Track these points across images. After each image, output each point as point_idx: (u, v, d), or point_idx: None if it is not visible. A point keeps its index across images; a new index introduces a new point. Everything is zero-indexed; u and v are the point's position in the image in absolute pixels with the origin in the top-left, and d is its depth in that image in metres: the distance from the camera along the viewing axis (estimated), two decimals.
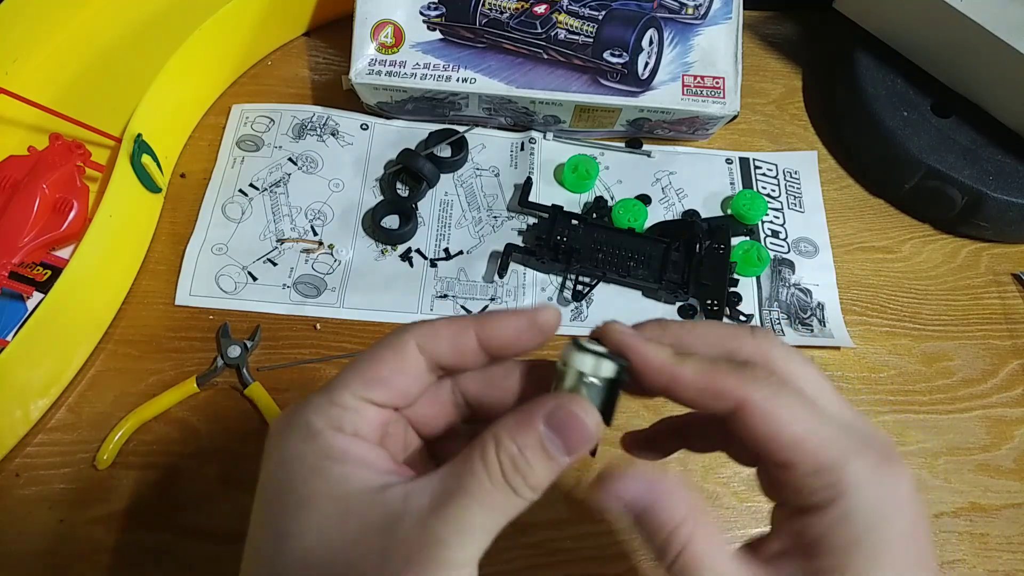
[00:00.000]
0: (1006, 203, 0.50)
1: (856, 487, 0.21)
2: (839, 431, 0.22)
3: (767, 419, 0.21)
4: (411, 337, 0.23)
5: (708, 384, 0.22)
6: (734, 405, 0.22)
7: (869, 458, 0.21)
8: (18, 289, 0.44)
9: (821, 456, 0.21)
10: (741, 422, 0.22)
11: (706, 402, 0.22)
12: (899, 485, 0.21)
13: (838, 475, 0.21)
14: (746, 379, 0.22)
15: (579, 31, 0.51)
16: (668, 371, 0.23)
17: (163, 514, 0.40)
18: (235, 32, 0.54)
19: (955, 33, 0.50)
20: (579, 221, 0.48)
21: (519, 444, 0.21)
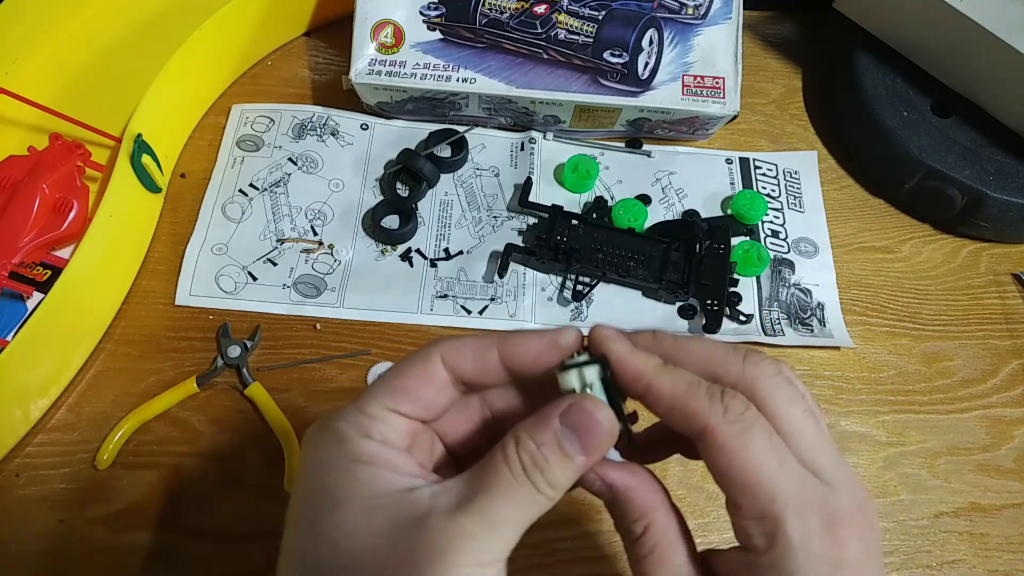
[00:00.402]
0: (1006, 203, 0.50)
1: (792, 544, 0.21)
2: (797, 482, 0.22)
3: (725, 455, 0.22)
4: (437, 352, 0.24)
5: (679, 403, 0.23)
6: (699, 431, 0.23)
7: (819, 516, 0.22)
8: (18, 289, 0.44)
9: (766, 506, 0.22)
10: (702, 449, 0.23)
11: (674, 420, 0.23)
12: (845, 547, 0.21)
13: (777, 528, 0.21)
14: (717, 408, 0.22)
15: (579, 31, 0.51)
16: (645, 380, 0.24)
17: (163, 514, 0.40)
18: (235, 32, 0.54)
19: (955, 33, 0.50)
20: (579, 221, 0.48)
21: (536, 441, 0.22)
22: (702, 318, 0.48)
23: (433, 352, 0.24)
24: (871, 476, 0.44)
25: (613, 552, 0.41)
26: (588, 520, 0.41)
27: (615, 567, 0.40)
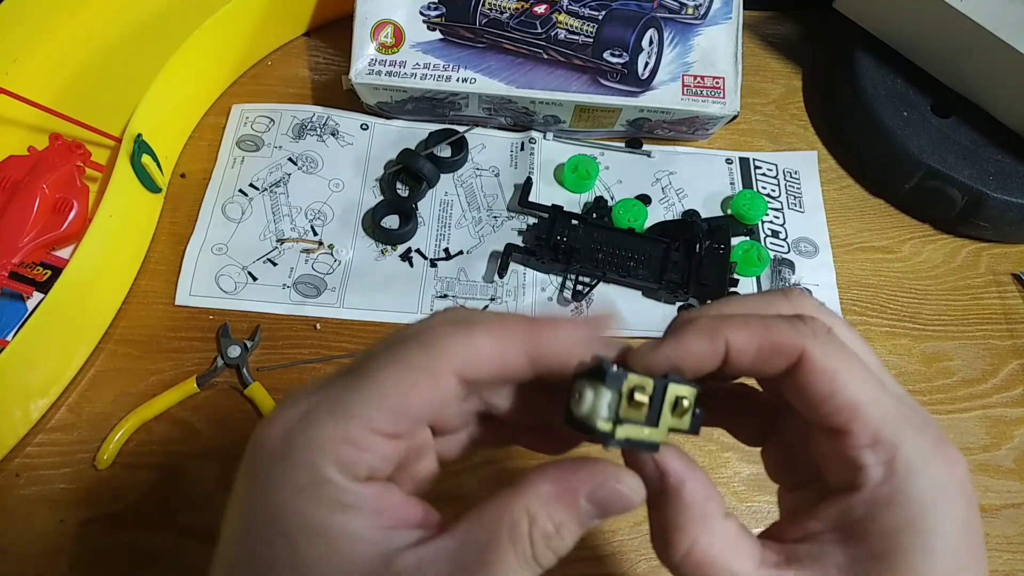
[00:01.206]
0: (1006, 203, 0.50)
1: (912, 468, 0.19)
2: (898, 404, 0.20)
3: (828, 377, 0.19)
4: (448, 361, 0.19)
5: (765, 342, 0.20)
6: (794, 360, 0.20)
7: (927, 439, 0.20)
8: (18, 289, 0.44)
9: (880, 427, 0.19)
10: (798, 379, 0.20)
11: (764, 362, 0.20)
12: (955, 471, 0.20)
13: (895, 451, 0.19)
14: (805, 332, 0.20)
15: (579, 31, 0.51)
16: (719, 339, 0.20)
17: (163, 514, 0.40)
18: (235, 32, 0.54)
19: (955, 33, 0.50)
20: (579, 221, 0.48)
21: (556, 522, 0.19)
22: None
23: (443, 362, 0.19)
24: None
25: (613, 552, 0.41)
26: None
27: (615, 567, 0.40)
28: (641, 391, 0.20)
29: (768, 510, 0.42)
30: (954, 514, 0.19)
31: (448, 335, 0.20)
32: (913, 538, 0.19)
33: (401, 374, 0.19)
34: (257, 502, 0.19)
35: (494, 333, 0.20)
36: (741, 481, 0.43)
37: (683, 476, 0.20)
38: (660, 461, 0.20)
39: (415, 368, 0.19)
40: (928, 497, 0.19)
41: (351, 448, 0.19)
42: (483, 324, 0.20)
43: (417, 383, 0.19)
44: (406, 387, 0.19)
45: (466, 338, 0.20)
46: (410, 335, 0.20)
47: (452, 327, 0.20)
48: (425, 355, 0.19)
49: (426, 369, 0.19)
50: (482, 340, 0.20)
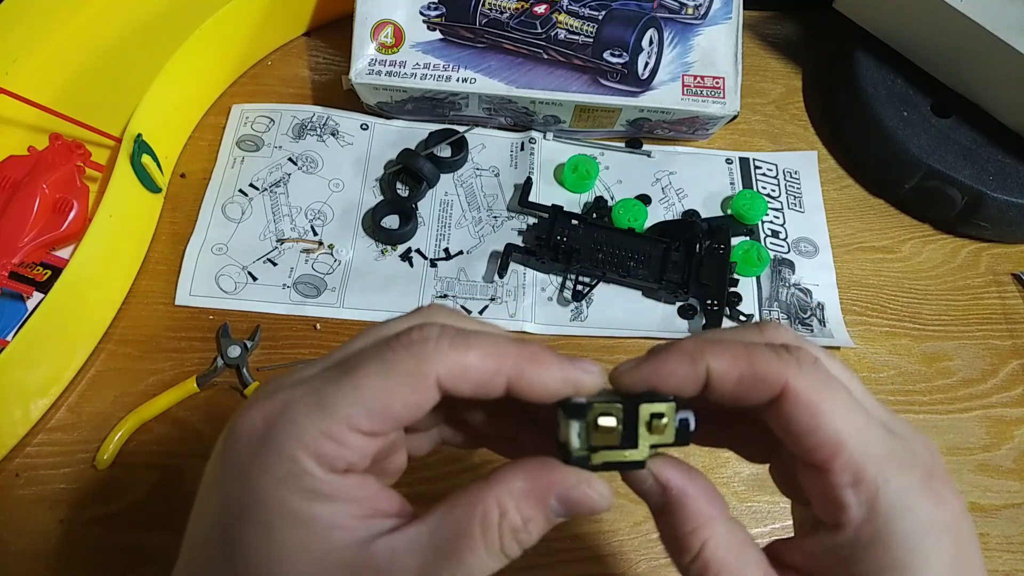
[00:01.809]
0: (1006, 203, 0.50)
1: (896, 507, 0.19)
2: (885, 437, 0.19)
3: (811, 411, 0.19)
4: (433, 371, 0.20)
5: (748, 371, 0.20)
6: (777, 393, 0.19)
7: (915, 476, 0.19)
8: (18, 289, 0.44)
9: (863, 465, 0.19)
10: (780, 412, 0.20)
11: (745, 392, 0.20)
12: (944, 510, 0.19)
13: (877, 490, 0.19)
14: (789, 362, 0.20)
15: (579, 31, 0.51)
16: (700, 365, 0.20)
17: (163, 514, 0.40)
18: (235, 32, 0.54)
19: (955, 33, 0.50)
20: (579, 221, 0.48)
21: (524, 516, 0.20)
22: (702, 318, 0.48)
23: (428, 369, 0.19)
24: None
25: (613, 552, 0.41)
26: (588, 520, 0.41)
27: (615, 567, 0.40)
28: (607, 416, 0.20)
29: (768, 510, 0.42)
30: (941, 555, 0.19)
31: (440, 346, 0.20)
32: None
33: (386, 378, 0.19)
34: (234, 488, 0.19)
35: (486, 356, 0.20)
36: (741, 481, 0.43)
37: (683, 486, 0.21)
38: (658, 474, 0.21)
39: (401, 373, 0.19)
40: (913, 538, 0.18)
41: (331, 443, 0.19)
42: (477, 344, 0.20)
43: (400, 388, 0.19)
44: (389, 391, 0.19)
45: (457, 354, 0.20)
46: (400, 341, 0.20)
47: (446, 340, 0.20)
48: (413, 363, 0.20)
49: (411, 375, 0.19)
50: (473, 359, 0.20)
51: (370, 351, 0.20)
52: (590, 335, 0.47)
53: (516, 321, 0.47)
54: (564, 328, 0.47)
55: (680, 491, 0.21)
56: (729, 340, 0.21)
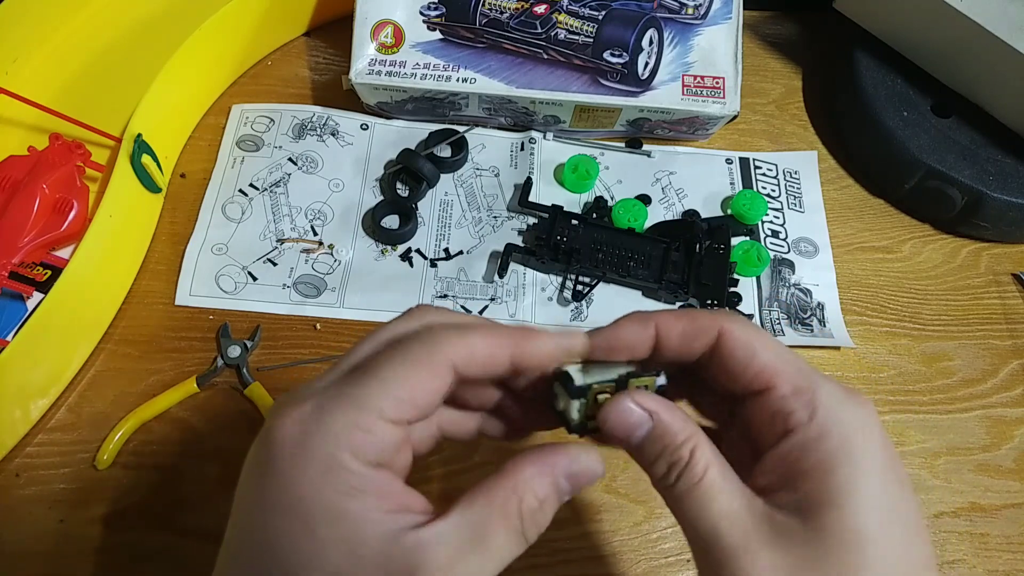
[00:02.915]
0: (1006, 203, 0.50)
1: (831, 406, 0.22)
2: (805, 364, 0.24)
3: (746, 345, 0.23)
4: (446, 355, 0.22)
5: (691, 326, 0.24)
6: (715, 336, 0.24)
7: (837, 386, 0.23)
8: (18, 289, 0.44)
9: (797, 379, 0.23)
10: (721, 352, 0.24)
11: (689, 341, 0.24)
12: (867, 409, 0.23)
13: (813, 394, 0.23)
14: (722, 315, 0.24)
15: (579, 31, 0.51)
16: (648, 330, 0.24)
17: (163, 514, 0.40)
18: (235, 32, 0.54)
19: (955, 33, 0.50)
20: (579, 221, 0.48)
21: (539, 497, 0.22)
22: None
23: (441, 356, 0.22)
24: None
25: (613, 552, 0.41)
26: (588, 520, 0.41)
27: (615, 567, 0.40)
28: (604, 394, 0.24)
29: None
30: (874, 440, 0.22)
31: (447, 334, 0.22)
32: (844, 460, 0.21)
33: (406, 368, 0.22)
34: (273, 491, 0.21)
35: (487, 336, 0.23)
36: None
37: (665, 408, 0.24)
38: (643, 403, 0.24)
39: (419, 362, 0.22)
40: (849, 428, 0.22)
41: (363, 434, 0.21)
42: (477, 328, 0.23)
43: (420, 375, 0.22)
44: (412, 379, 0.22)
45: (463, 338, 0.23)
46: (410, 334, 0.23)
47: (452, 329, 0.23)
48: (427, 351, 0.22)
49: (428, 363, 0.22)
50: (477, 341, 0.23)
51: (384, 350, 0.23)
52: None
53: (516, 321, 0.47)
54: (564, 328, 0.47)
55: (665, 412, 0.24)
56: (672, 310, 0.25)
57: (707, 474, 0.22)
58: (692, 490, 0.22)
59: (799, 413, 0.23)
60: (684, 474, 0.22)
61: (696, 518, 0.22)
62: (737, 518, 0.22)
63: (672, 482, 0.23)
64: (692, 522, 0.22)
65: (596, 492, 0.42)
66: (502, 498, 0.21)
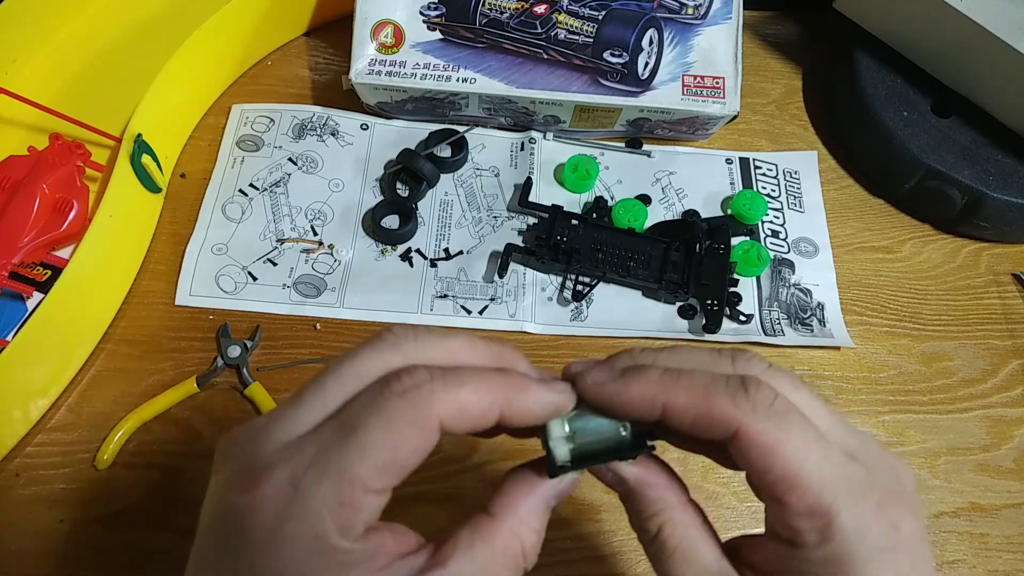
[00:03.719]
0: (1006, 203, 0.50)
1: (848, 533, 0.20)
2: (841, 468, 0.20)
3: (765, 453, 0.20)
4: (434, 414, 0.20)
5: (703, 411, 0.21)
6: (731, 434, 0.21)
7: (870, 502, 0.20)
8: (18, 289, 0.44)
9: (815, 500, 0.20)
10: (737, 451, 0.21)
11: (702, 430, 0.21)
12: (899, 528, 0.20)
13: (831, 519, 0.20)
14: (744, 405, 0.21)
15: (579, 31, 0.51)
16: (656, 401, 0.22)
17: (163, 514, 0.40)
18: (235, 32, 0.54)
19: (955, 33, 0.50)
20: (579, 221, 0.48)
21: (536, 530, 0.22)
22: (702, 318, 0.48)
23: (428, 413, 0.20)
24: None
25: (613, 552, 0.41)
26: (588, 520, 0.41)
27: (615, 567, 0.40)
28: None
29: None
30: (895, 572, 0.20)
31: (433, 389, 0.20)
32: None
33: (390, 431, 0.20)
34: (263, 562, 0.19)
35: (477, 391, 0.21)
36: (741, 481, 0.43)
37: (640, 476, 0.23)
38: (617, 470, 0.23)
39: (404, 423, 0.20)
40: (865, 562, 0.20)
41: (349, 511, 0.19)
42: (466, 380, 0.21)
43: (405, 436, 0.20)
44: (395, 443, 0.20)
45: (451, 393, 0.20)
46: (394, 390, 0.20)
47: (439, 379, 0.20)
48: (412, 409, 0.20)
49: (413, 422, 0.20)
50: (467, 397, 0.21)
51: (364, 404, 0.20)
52: (590, 335, 0.47)
53: (516, 321, 0.47)
54: (564, 328, 0.47)
55: (637, 481, 0.23)
56: (692, 375, 0.22)
57: (675, 552, 0.22)
58: (660, 557, 0.23)
59: (808, 535, 0.20)
60: (653, 543, 0.23)
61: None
62: None
63: (642, 541, 0.24)
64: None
65: (596, 492, 0.42)
66: (503, 541, 0.21)
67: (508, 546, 0.21)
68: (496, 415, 0.21)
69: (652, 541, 0.23)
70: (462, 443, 0.43)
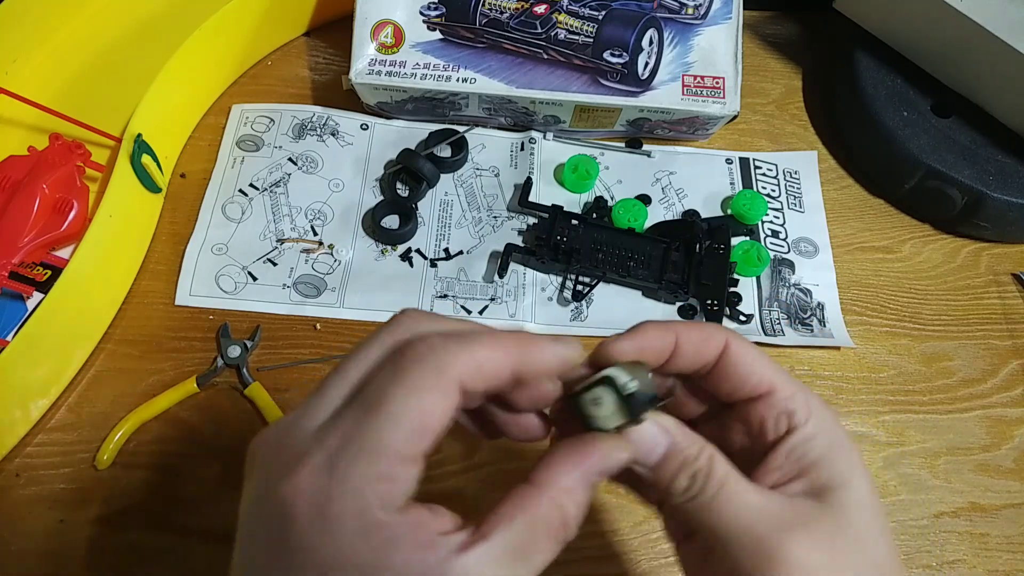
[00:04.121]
0: (1006, 203, 0.50)
1: (819, 407, 0.25)
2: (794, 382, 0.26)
3: (748, 356, 0.26)
4: (454, 373, 0.21)
5: (700, 334, 0.26)
6: (723, 346, 0.26)
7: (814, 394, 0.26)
8: (18, 289, 0.44)
9: (791, 386, 0.26)
10: (727, 361, 0.26)
11: (701, 351, 0.26)
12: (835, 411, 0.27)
13: (807, 398, 0.25)
14: (726, 331, 0.26)
15: (579, 31, 0.51)
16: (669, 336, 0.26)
17: (163, 514, 0.40)
18: (235, 32, 0.54)
19: (955, 33, 0.50)
20: (579, 221, 0.48)
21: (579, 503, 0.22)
22: (702, 318, 0.48)
23: (448, 374, 0.20)
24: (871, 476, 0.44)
25: (614, 552, 0.41)
26: (589, 520, 0.41)
27: (615, 567, 0.40)
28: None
29: None
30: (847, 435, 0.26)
31: (449, 348, 0.21)
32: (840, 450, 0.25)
33: (415, 396, 0.20)
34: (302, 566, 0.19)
35: (490, 347, 0.22)
36: None
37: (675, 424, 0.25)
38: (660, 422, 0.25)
39: (426, 388, 0.20)
40: (835, 424, 0.26)
41: (388, 484, 0.19)
42: (478, 338, 0.22)
43: (430, 400, 0.20)
44: (422, 407, 0.20)
45: (467, 351, 0.21)
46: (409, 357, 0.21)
47: (452, 341, 0.21)
48: (432, 372, 0.20)
49: (436, 385, 0.20)
50: (481, 352, 0.21)
51: (384, 376, 0.21)
52: (590, 335, 0.47)
53: (516, 321, 0.47)
54: (564, 328, 0.47)
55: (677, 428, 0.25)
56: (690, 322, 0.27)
57: (729, 478, 0.24)
58: (719, 494, 0.23)
59: (800, 413, 0.25)
60: (709, 481, 0.23)
61: (726, 520, 0.23)
62: (765, 511, 0.23)
63: (696, 493, 0.24)
64: (722, 524, 0.23)
65: (596, 492, 0.42)
66: (544, 512, 0.21)
67: (549, 516, 0.21)
68: (510, 370, 0.22)
69: (707, 480, 0.23)
70: (463, 443, 0.43)
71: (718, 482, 0.23)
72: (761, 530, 0.23)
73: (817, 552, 0.22)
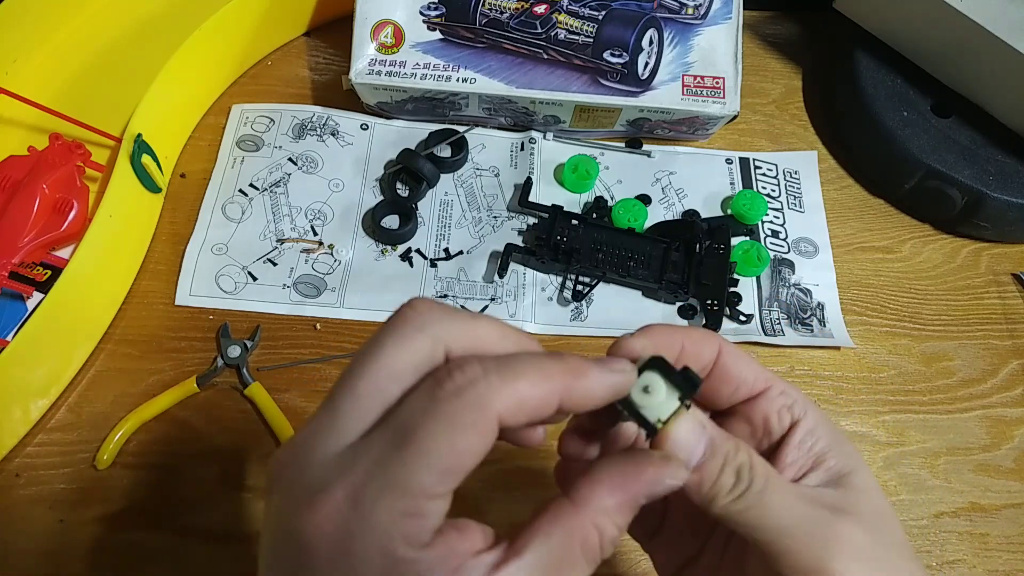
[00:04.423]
0: (1006, 203, 0.50)
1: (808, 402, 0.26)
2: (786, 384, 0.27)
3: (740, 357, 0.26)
4: (494, 413, 0.19)
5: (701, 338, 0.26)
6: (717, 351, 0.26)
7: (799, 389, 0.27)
8: (18, 289, 0.44)
9: (781, 382, 0.26)
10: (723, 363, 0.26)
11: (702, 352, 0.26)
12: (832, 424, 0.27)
13: (797, 394, 0.26)
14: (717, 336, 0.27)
15: (579, 31, 0.51)
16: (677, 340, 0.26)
17: (163, 514, 0.40)
18: (235, 32, 0.54)
19: (955, 33, 0.50)
20: (579, 221, 0.48)
21: (620, 526, 0.21)
22: (702, 318, 0.48)
23: (488, 414, 0.19)
24: None
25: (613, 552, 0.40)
26: None
27: (615, 567, 0.40)
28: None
29: None
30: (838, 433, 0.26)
31: (492, 386, 0.19)
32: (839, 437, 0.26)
33: (450, 434, 0.19)
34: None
35: (537, 382, 0.20)
36: None
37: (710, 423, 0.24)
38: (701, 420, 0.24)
39: (463, 426, 0.19)
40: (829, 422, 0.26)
41: (414, 521, 0.18)
42: (523, 371, 0.20)
43: (466, 440, 0.19)
44: (456, 446, 0.19)
45: (510, 387, 0.20)
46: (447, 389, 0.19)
47: (495, 377, 0.20)
48: (471, 412, 0.19)
49: (474, 427, 0.19)
50: (526, 390, 0.20)
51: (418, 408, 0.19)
52: (590, 335, 0.47)
53: (516, 321, 0.47)
54: (564, 328, 0.47)
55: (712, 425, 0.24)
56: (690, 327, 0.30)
57: (771, 471, 0.23)
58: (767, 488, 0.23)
59: (797, 406, 0.26)
60: (755, 476, 0.23)
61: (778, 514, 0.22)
62: (816, 500, 0.23)
63: (743, 490, 0.23)
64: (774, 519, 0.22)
65: None
66: (582, 533, 0.20)
67: (588, 537, 0.20)
68: (555, 405, 0.20)
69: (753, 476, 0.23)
70: None
71: (764, 476, 0.23)
72: (814, 519, 0.22)
73: (860, 534, 0.22)
